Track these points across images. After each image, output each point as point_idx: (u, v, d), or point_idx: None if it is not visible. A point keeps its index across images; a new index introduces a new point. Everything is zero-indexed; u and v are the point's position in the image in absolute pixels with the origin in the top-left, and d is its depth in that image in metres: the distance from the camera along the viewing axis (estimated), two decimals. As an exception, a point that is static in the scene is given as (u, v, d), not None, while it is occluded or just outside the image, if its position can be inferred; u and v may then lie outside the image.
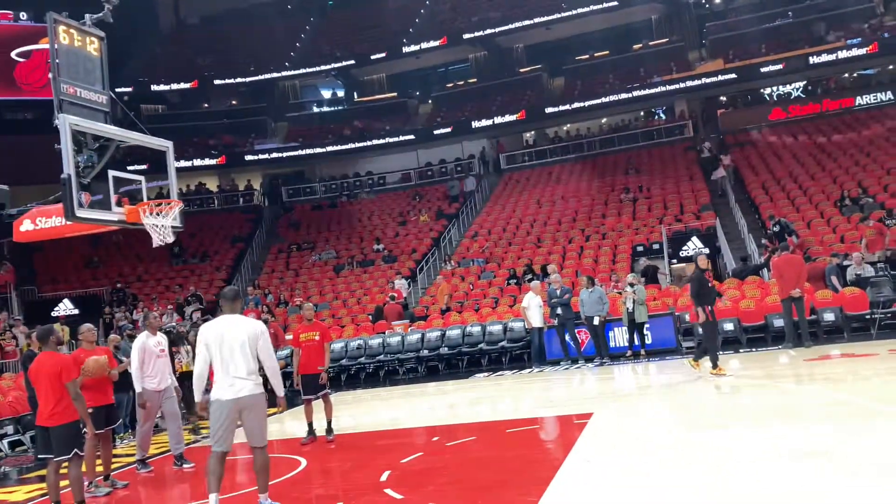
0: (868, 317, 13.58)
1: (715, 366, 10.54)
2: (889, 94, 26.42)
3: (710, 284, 10.96)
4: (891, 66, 28.44)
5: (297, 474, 7.46)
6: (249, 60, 35.46)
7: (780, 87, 30.00)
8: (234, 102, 37.36)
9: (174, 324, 16.20)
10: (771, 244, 17.13)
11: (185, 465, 8.40)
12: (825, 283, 14.67)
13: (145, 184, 8.76)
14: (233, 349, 5.71)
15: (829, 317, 13.78)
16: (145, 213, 8.11)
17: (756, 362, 11.98)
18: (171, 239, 8.18)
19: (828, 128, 25.61)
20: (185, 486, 7.83)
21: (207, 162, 31.94)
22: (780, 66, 27.25)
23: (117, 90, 30.00)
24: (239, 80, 35.50)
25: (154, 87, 34.39)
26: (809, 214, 19.57)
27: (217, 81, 35.07)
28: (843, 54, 26.41)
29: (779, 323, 13.58)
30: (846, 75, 28.95)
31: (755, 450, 6.12)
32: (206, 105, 36.58)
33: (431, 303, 19.59)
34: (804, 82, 29.25)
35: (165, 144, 9.10)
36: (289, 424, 11.54)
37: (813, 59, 26.79)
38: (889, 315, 13.39)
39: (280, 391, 6.02)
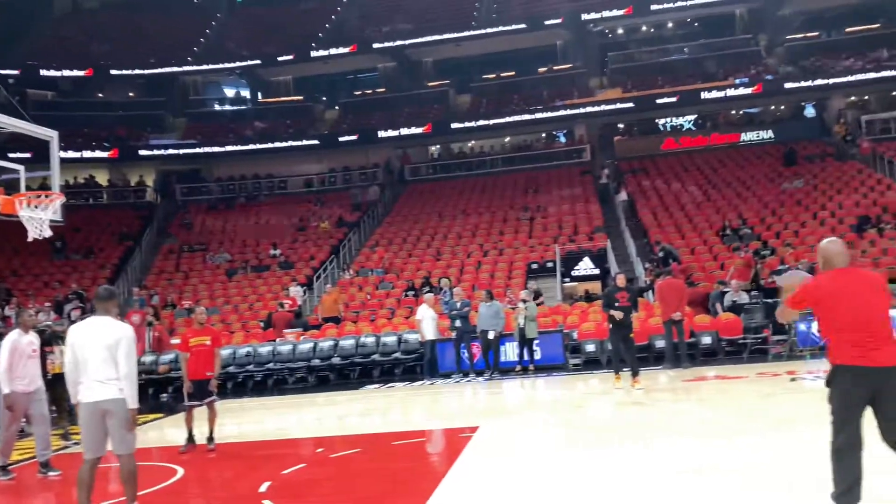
0: (741, 341, 14.40)
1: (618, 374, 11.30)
2: (770, 133, 28.24)
3: (617, 304, 11.28)
4: (773, 107, 30.42)
5: (173, 483, 7.18)
6: (150, 52, 34.18)
7: (674, 119, 31.52)
8: (130, 94, 35.88)
9: (50, 322, 15.33)
10: (653, 268, 17.90)
11: (50, 473, 7.93)
12: (704, 308, 15.45)
13: (24, 173, 8.30)
14: (94, 352, 5.46)
15: (706, 340, 14.54)
16: (22, 205, 7.67)
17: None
18: (48, 233, 7.77)
19: (715, 161, 27.08)
20: (50, 496, 7.41)
21: (98, 154, 30.51)
22: (674, 99, 28.63)
23: (1, 72, 28.58)
24: (137, 71, 34.10)
25: (44, 72, 32.55)
26: (693, 241, 20.57)
27: (114, 71, 33.58)
28: (731, 92, 28.04)
29: (660, 344, 14.19)
30: (734, 112, 30.73)
31: (630, 464, 6.36)
32: (100, 95, 34.95)
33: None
34: (695, 116, 30.85)
35: (50, 134, 8.67)
36: (168, 431, 11.14)
37: (704, 95, 28.30)
38: (760, 340, 14.24)
39: (132, 402, 5.61)
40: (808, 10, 31.45)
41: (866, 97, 29.06)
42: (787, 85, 27.89)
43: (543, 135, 32.12)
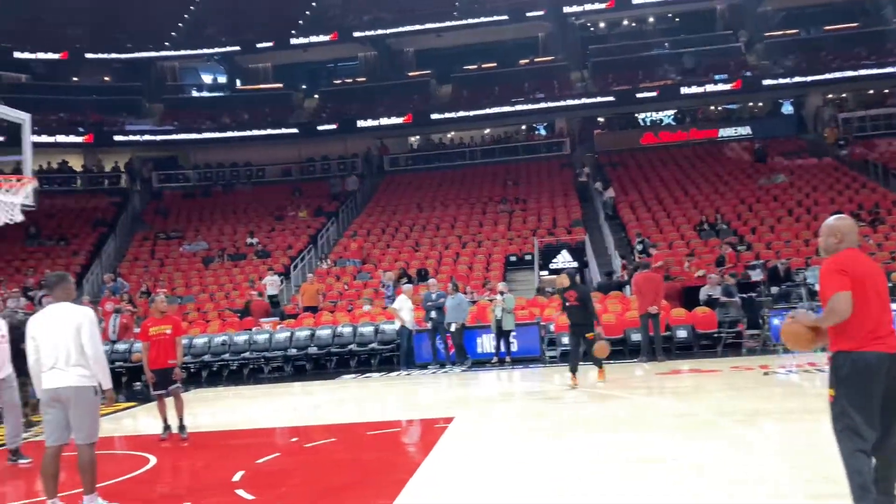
0: (716, 335, 14.53)
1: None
2: (748, 129, 28.47)
3: (567, 303, 10.98)
4: (751, 103, 30.68)
5: (144, 472, 7.11)
6: (126, 36, 33.67)
7: (653, 114, 31.68)
8: (106, 79, 35.35)
9: (20, 309, 15.10)
10: (628, 263, 17.99)
11: (20, 461, 7.82)
12: (681, 302, 15.58)
13: (-5, 157, 8.13)
14: (53, 339, 5.36)
15: (681, 334, 14.65)
16: (-8, 189, 7.53)
17: (613, 374, 12.50)
18: (19, 218, 7.62)
19: (693, 156, 27.25)
20: (19, 483, 7.29)
21: (73, 139, 30.07)
22: (654, 94, 28.77)
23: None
24: (114, 55, 33.66)
25: (17, 54, 31.98)
26: (671, 236, 20.71)
27: (89, 55, 33.08)
28: (710, 88, 28.22)
29: (636, 337, 14.27)
30: (712, 108, 30.94)
31: (603, 455, 6.39)
32: (75, 79, 34.39)
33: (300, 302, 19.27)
34: (675, 111, 31.02)
35: (22, 117, 8.49)
36: (142, 420, 11.03)
37: (684, 90, 28.47)
38: (734, 335, 14.38)
39: (106, 383, 5.58)
40: (788, 7, 31.74)
41: (843, 95, 29.38)
42: (766, 82, 28.14)
43: (524, 127, 32.14)
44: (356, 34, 32.76)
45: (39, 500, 5.59)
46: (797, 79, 27.72)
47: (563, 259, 20.95)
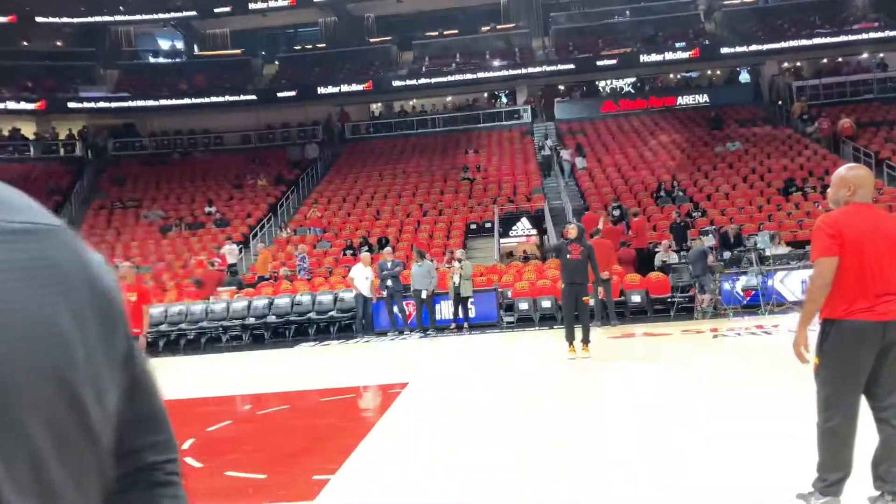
0: (669, 300, 14.86)
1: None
2: (706, 97, 28.76)
3: (569, 255, 9.99)
4: (709, 71, 30.95)
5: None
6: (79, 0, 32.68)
7: (613, 82, 31.80)
8: (58, 44, 34.34)
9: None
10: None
11: None
12: (634, 267, 15.87)
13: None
14: None
15: (635, 299, 14.95)
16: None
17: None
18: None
19: (651, 123, 27.48)
20: None
21: (24, 106, 29.28)
22: (614, 62, 28.85)
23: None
24: (66, 19, 32.58)
25: (-38, 18, 30.93)
26: (629, 203, 20.96)
27: (39, 19, 32.00)
28: (669, 56, 28.38)
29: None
30: (671, 76, 31.15)
31: (554, 419, 6.56)
32: (24, 43, 33.37)
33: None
34: (634, 79, 31.16)
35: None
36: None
37: (644, 58, 28.58)
38: (686, 299, 14.71)
39: None
40: (746, -24, 31.90)
41: (798, 63, 29.78)
42: (724, 50, 28.38)
43: (485, 95, 32.06)
44: (316, -1, 32.24)
45: None
46: (754, 47, 27.99)
47: (523, 227, 21.15)
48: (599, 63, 28.98)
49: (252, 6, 32.27)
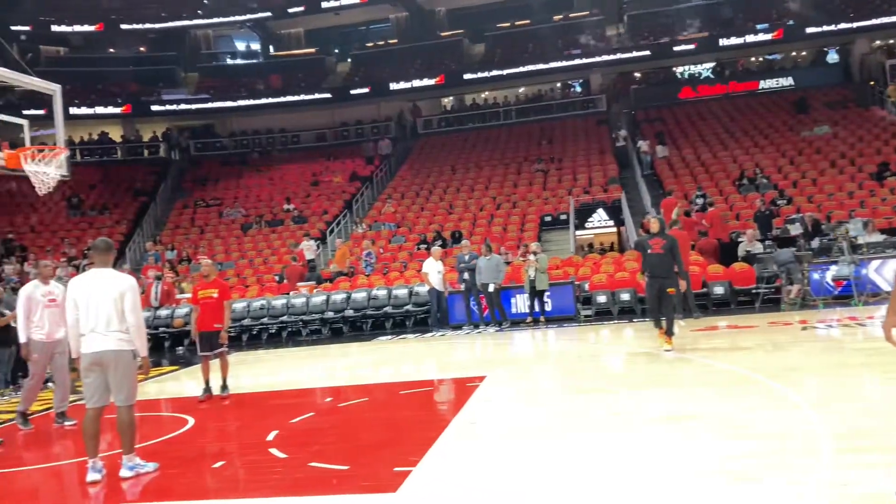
0: (754, 291, 14.31)
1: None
2: (790, 80, 27.62)
3: (650, 250, 9.82)
4: (793, 53, 29.70)
5: (183, 433, 7.32)
6: (159, 6, 33.88)
7: (691, 67, 30.89)
8: (141, 49, 35.73)
9: (66, 277, 15.53)
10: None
11: (66, 423, 8.12)
12: (716, 258, 15.35)
13: (29, 128, 8.30)
14: (96, 303, 5.50)
15: (718, 290, 14.46)
16: (27, 160, 7.68)
17: (648, 332, 12.42)
18: (53, 186, 7.78)
19: (732, 109, 26.58)
20: (67, 443, 7.58)
21: (111, 110, 30.57)
22: (692, 46, 28.03)
23: (13, 28, 28.48)
24: (148, 25, 33.91)
25: (55, 28, 32.49)
26: (710, 192, 20.33)
27: (124, 26, 33.40)
28: (750, 38, 27.38)
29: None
30: (752, 59, 30.04)
31: (632, 412, 6.38)
32: (111, 50, 34.84)
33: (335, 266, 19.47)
34: (713, 63, 30.19)
35: (52, 88, 8.63)
36: (184, 383, 11.33)
37: (723, 42, 27.67)
38: (772, 290, 14.13)
39: (143, 351, 5.73)
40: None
41: (892, 41, 28.26)
42: (809, 30, 27.17)
43: (559, 84, 31.65)
44: (387, -5, 32.47)
45: (82, 460, 5.80)
46: (842, 25, 26.70)
47: (600, 218, 20.79)
48: (676, 48, 28.21)
49: (324, 5, 32.82)
